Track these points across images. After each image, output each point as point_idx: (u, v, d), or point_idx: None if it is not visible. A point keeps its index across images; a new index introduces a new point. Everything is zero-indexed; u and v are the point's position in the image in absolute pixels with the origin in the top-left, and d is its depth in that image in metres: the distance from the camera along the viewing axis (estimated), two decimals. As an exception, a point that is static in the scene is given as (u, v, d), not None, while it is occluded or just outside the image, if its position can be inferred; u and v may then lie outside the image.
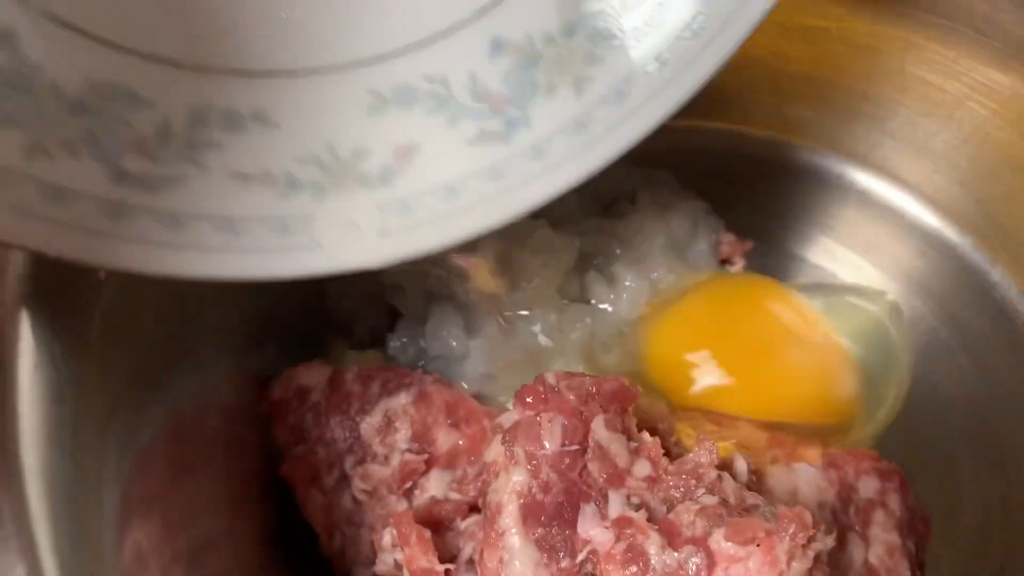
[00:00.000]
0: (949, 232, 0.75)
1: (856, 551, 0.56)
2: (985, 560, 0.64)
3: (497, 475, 0.48)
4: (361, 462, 0.58)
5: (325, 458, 0.59)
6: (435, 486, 0.56)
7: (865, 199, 0.78)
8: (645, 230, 0.67)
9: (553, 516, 0.46)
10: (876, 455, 0.60)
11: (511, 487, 0.46)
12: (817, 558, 0.46)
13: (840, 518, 0.57)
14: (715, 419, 0.58)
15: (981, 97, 0.69)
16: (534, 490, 0.46)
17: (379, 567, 0.55)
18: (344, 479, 0.58)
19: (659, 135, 0.81)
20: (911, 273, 0.75)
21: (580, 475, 0.47)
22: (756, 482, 0.55)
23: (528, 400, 0.49)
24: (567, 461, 0.47)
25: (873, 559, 0.56)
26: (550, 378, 0.49)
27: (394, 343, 0.66)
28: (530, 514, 0.46)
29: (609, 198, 0.71)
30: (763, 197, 0.77)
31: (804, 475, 0.58)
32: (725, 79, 0.77)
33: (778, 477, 0.58)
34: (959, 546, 0.65)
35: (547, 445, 0.47)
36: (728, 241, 0.72)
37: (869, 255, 0.77)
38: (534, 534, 0.46)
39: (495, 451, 0.48)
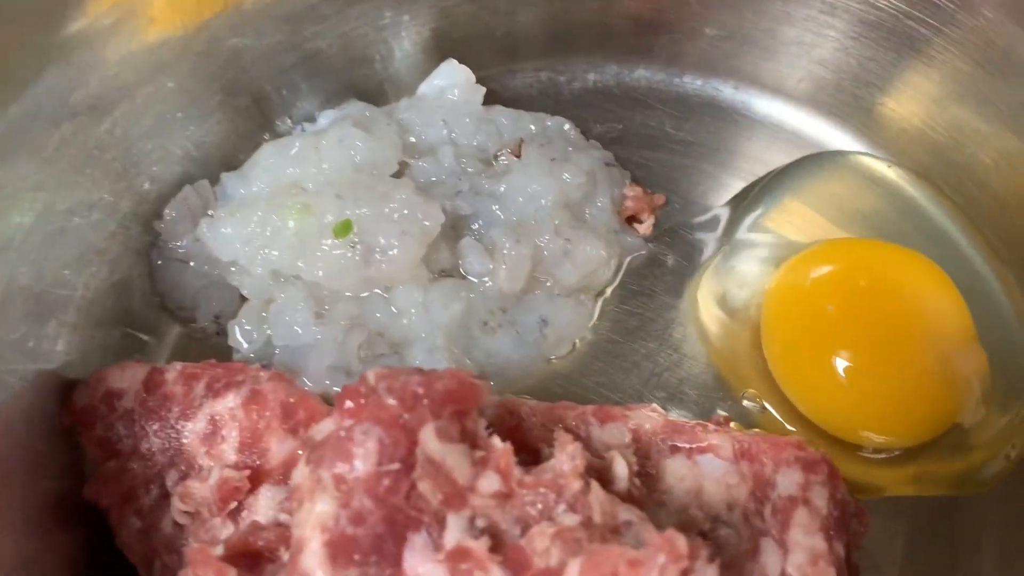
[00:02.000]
0: (898, 173, 0.65)
1: (771, 560, 0.47)
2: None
3: (301, 504, 0.38)
4: (184, 478, 0.49)
5: (142, 475, 0.49)
6: (263, 507, 0.46)
7: (798, 141, 0.67)
8: (531, 187, 0.57)
9: (370, 551, 0.37)
10: (800, 441, 0.51)
11: (314, 519, 0.37)
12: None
13: (753, 521, 0.48)
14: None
15: (921, 15, 0.58)
16: (343, 522, 0.37)
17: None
18: (165, 498, 0.49)
19: (562, 78, 0.71)
20: (861, 218, 0.65)
21: (407, 498, 0.38)
22: (643, 485, 0.46)
23: (347, 406, 0.39)
24: (386, 483, 0.37)
25: (792, 569, 0.46)
26: (371, 378, 0.40)
27: (236, 331, 0.56)
28: (339, 552, 0.37)
29: (491, 151, 0.60)
30: (680, 145, 0.66)
31: (710, 470, 0.49)
32: (637, 8, 0.68)
33: (679, 473, 0.49)
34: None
35: (358, 465, 0.37)
36: (634, 196, 0.62)
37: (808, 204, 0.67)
38: (344, 576, 0.37)
39: (300, 474, 0.39)
